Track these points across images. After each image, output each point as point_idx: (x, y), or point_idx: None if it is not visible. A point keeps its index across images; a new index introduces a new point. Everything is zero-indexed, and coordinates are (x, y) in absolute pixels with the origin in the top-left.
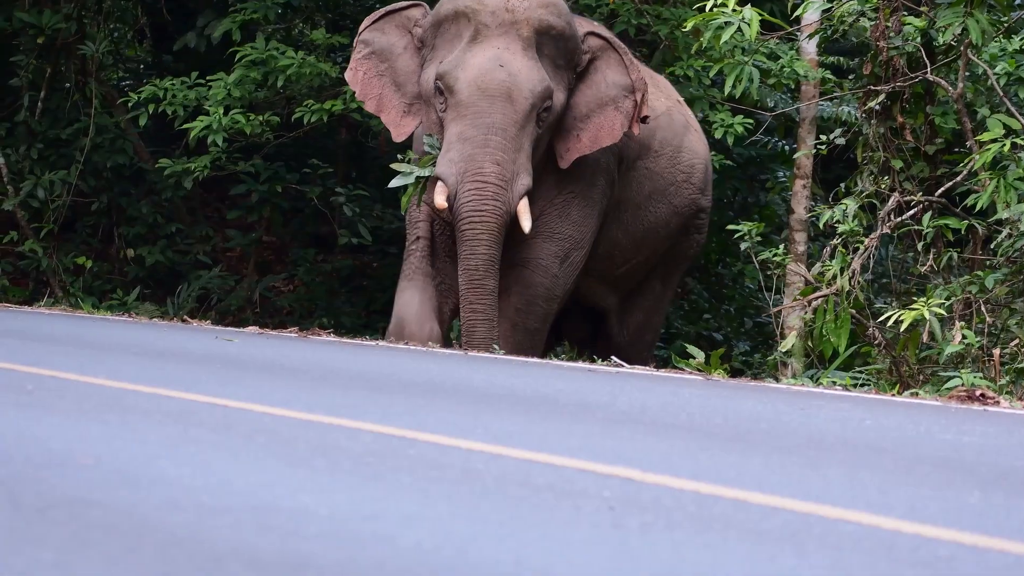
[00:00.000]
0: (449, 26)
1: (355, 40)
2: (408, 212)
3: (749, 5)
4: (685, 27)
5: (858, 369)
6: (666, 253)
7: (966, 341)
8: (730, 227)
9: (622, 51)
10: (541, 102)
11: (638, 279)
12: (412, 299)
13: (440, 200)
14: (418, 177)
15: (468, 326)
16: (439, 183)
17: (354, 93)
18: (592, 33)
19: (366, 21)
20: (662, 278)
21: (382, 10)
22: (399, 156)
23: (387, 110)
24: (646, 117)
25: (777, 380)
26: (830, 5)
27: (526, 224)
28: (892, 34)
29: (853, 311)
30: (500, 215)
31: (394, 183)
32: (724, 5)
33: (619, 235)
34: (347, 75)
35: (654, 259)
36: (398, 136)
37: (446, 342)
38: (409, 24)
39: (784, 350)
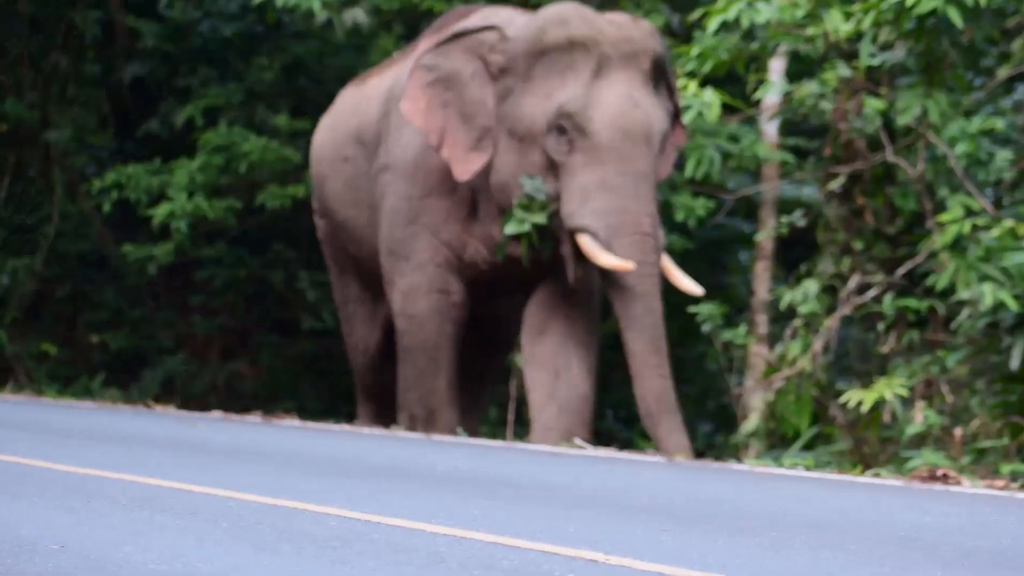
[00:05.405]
0: (559, 56)
1: (413, 65)
2: (398, 235)
3: (710, 88)
4: None
5: (820, 449)
6: None
7: (928, 421)
8: (690, 309)
9: (671, 74)
10: (664, 141)
11: None
12: (443, 383)
13: (609, 259)
14: (534, 224)
15: (659, 395)
16: (586, 236)
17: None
18: None
19: (427, 43)
20: None
21: (448, 31)
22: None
23: (450, 145)
24: None
25: (740, 461)
26: (790, 88)
27: (689, 284)
28: (852, 116)
29: (815, 392)
30: (659, 268)
31: (507, 230)
32: (685, 88)
33: None
34: (404, 105)
35: None
36: (462, 175)
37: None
38: (481, 49)
39: (747, 431)
